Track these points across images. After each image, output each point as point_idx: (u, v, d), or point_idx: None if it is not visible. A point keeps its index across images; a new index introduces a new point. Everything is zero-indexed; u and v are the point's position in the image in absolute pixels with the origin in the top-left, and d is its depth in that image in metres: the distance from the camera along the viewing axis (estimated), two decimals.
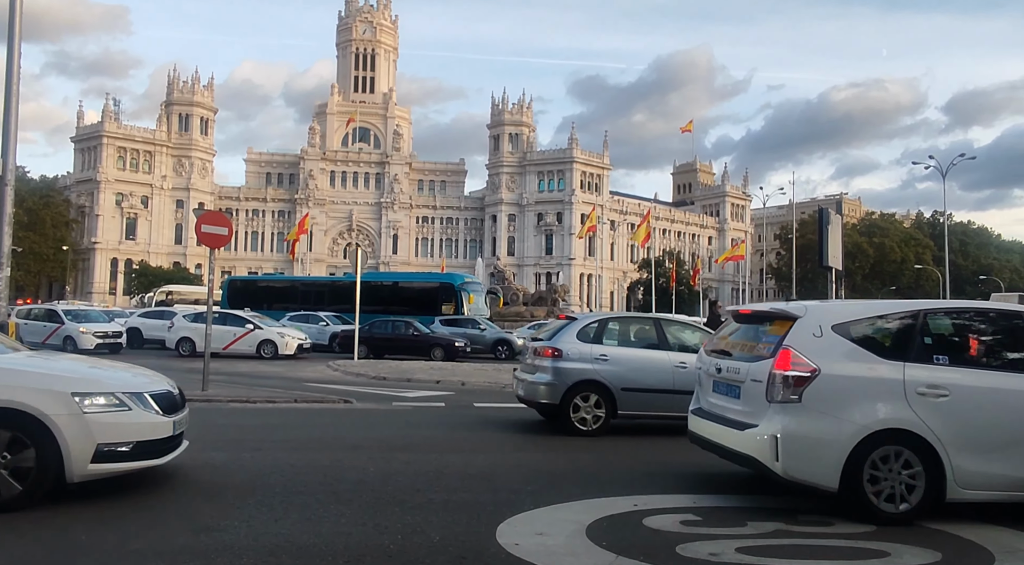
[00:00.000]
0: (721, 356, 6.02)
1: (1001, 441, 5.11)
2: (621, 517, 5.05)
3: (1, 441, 4.81)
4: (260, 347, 22.36)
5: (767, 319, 5.84)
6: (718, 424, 5.70)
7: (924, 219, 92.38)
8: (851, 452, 4.98)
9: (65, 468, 4.90)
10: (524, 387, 9.44)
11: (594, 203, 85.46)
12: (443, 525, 4.78)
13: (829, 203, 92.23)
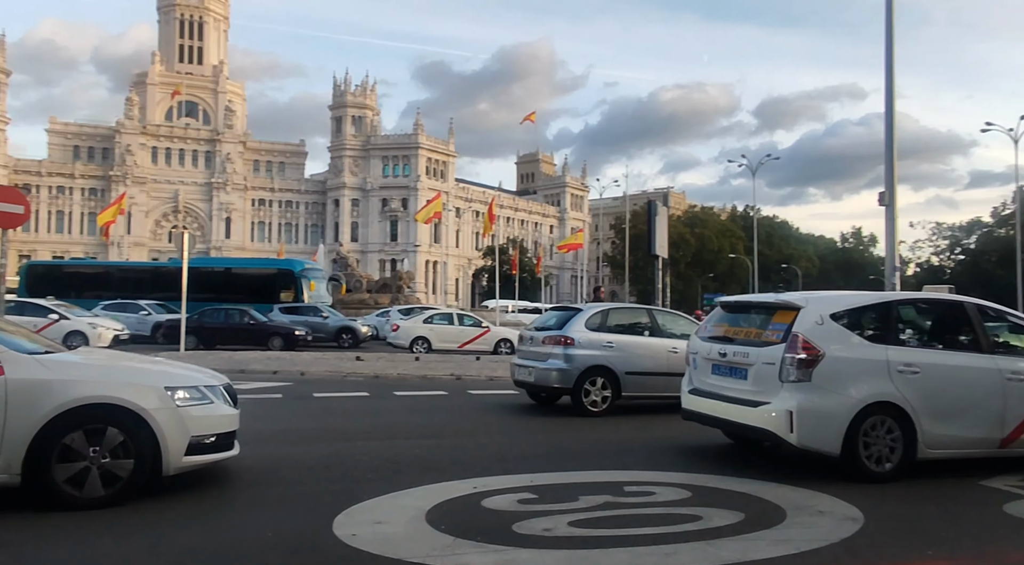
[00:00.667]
0: (723, 342, 6.75)
1: (956, 409, 6.20)
2: (460, 500, 5.12)
3: (102, 438, 4.76)
4: (67, 339, 20.09)
5: (769, 309, 6.64)
6: (723, 402, 6.49)
7: (738, 213, 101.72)
8: (850, 422, 5.85)
9: (163, 461, 4.93)
10: (535, 374, 10.05)
11: (439, 190, 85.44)
12: (277, 521, 4.59)
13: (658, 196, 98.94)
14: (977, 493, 5.69)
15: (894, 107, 15.98)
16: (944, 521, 4.89)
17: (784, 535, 4.42)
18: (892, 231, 17.20)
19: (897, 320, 6.52)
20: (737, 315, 7.10)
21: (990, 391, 6.32)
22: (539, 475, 5.89)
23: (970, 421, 6.24)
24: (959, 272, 77.23)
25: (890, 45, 14.93)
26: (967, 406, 6.26)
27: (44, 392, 4.69)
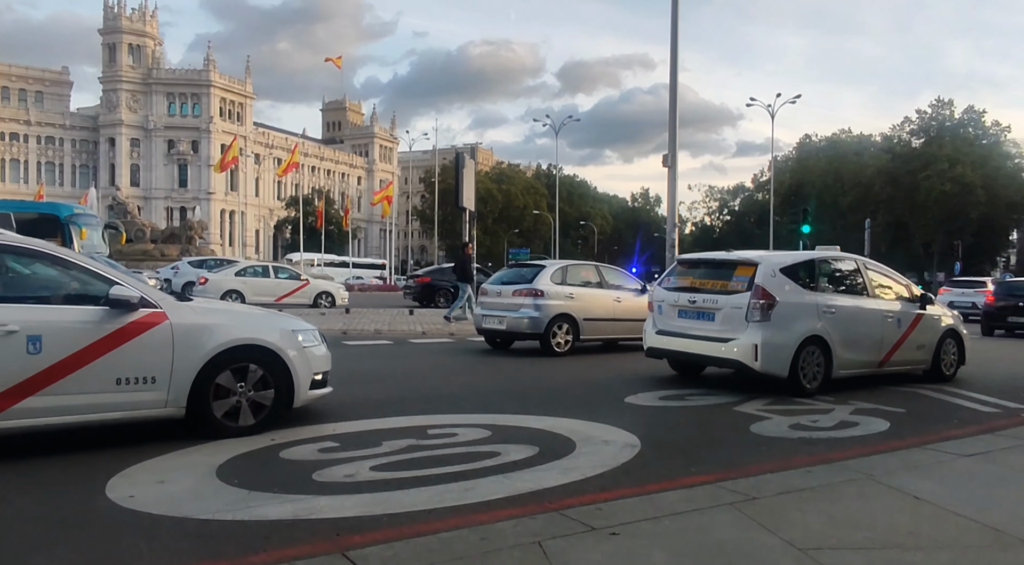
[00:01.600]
0: (690, 292, 8.27)
1: (855, 340, 8.18)
2: (257, 453, 4.90)
3: (246, 374, 5.35)
4: None
5: (731, 265, 8.15)
6: (692, 340, 8.07)
7: (542, 171, 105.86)
8: (795, 351, 7.57)
9: (295, 395, 5.59)
10: (507, 322, 11.61)
11: (236, 133, 78.98)
12: (42, 487, 4.07)
13: (466, 151, 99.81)
14: (732, 417, 6.56)
15: (677, 79, 17.36)
16: (704, 443, 5.59)
17: (573, 464, 4.78)
18: (673, 193, 18.89)
19: (820, 273, 8.44)
20: (701, 270, 8.61)
21: (875, 326, 8.46)
22: (342, 424, 5.80)
23: (863, 348, 8.33)
24: (726, 231, 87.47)
25: (675, 20, 16.10)
26: (862, 337, 8.31)
27: (202, 335, 5.20)
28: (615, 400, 7.29)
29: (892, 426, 6.28)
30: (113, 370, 4.84)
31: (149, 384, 4.98)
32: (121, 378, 4.87)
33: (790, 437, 5.81)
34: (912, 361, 8.97)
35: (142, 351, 4.93)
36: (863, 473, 4.34)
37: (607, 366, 10.55)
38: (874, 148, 69.19)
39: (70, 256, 5.19)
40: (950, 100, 64.36)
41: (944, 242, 58.22)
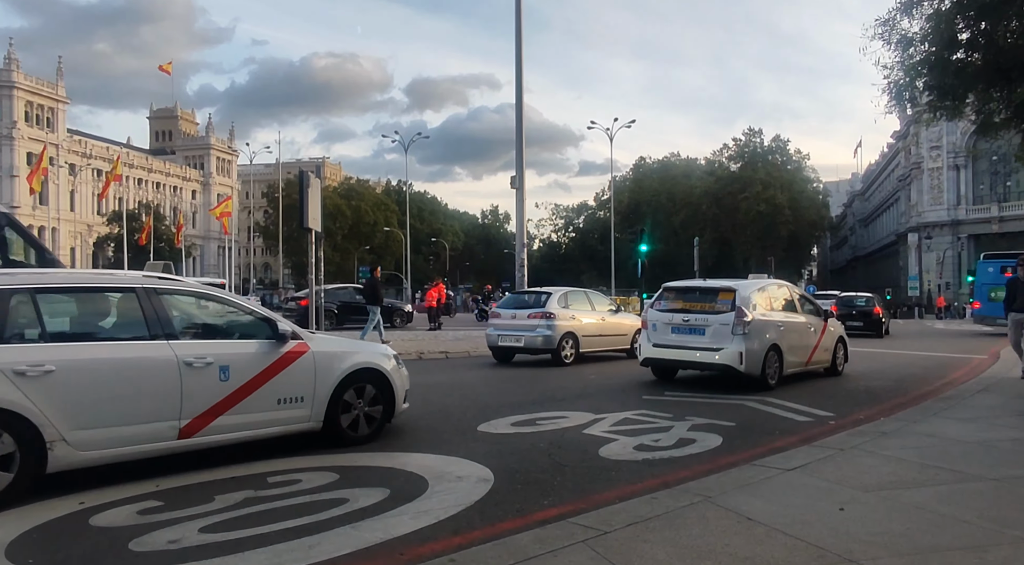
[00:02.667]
0: (683, 312, 10.60)
1: (795, 346, 10.89)
2: (59, 522, 4.27)
3: (363, 392, 6.53)
4: None
5: (715, 291, 10.60)
6: (687, 350, 10.44)
7: (392, 187, 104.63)
8: (764, 356, 10.10)
9: (395, 409, 6.81)
10: (525, 340, 14.04)
11: (46, 141, 70.84)
12: None
13: (312, 166, 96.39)
14: (581, 441, 6.69)
15: (523, 101, 17.84)
16: (555, 471, 5.63)
17: (425, 506, 4.61)
18: (521, 211, 19.31)
19: (772, 297, 11.12)
20: (689, 294, 10.90)
21: (805, 335, 11.27)
22: (167, 478, 5.21)
23: (799, 352, 11.05)
24: (572, 247, 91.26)
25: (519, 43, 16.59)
26: (798, 344, 10.98)
27: (334, 361, 6.33)
28: (468, 429, 7.21)
29: (725, 441, 6.71)
30: (276, 392, 5.89)
31: (299, 403, 6.05)
32: (281, 399, 5.93)
33: (635, 459, 6.01)
34: (822, 361, 11.95)
35: (295, 375, 6.00)
36: (701, 495, 4.55)
37: (468, 390, 10.45)
38: (700, 171, 75.51)
39: (238, 298, 6.62)
40: (760, 129, 71.80)
41: (760, 257, 64.55)
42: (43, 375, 4.66)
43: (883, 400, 9.47)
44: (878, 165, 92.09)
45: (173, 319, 5.54)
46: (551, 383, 11.30)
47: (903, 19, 10.98)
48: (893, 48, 11.06)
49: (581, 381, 11.58)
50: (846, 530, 3.91)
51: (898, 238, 75.85)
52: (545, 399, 9.33)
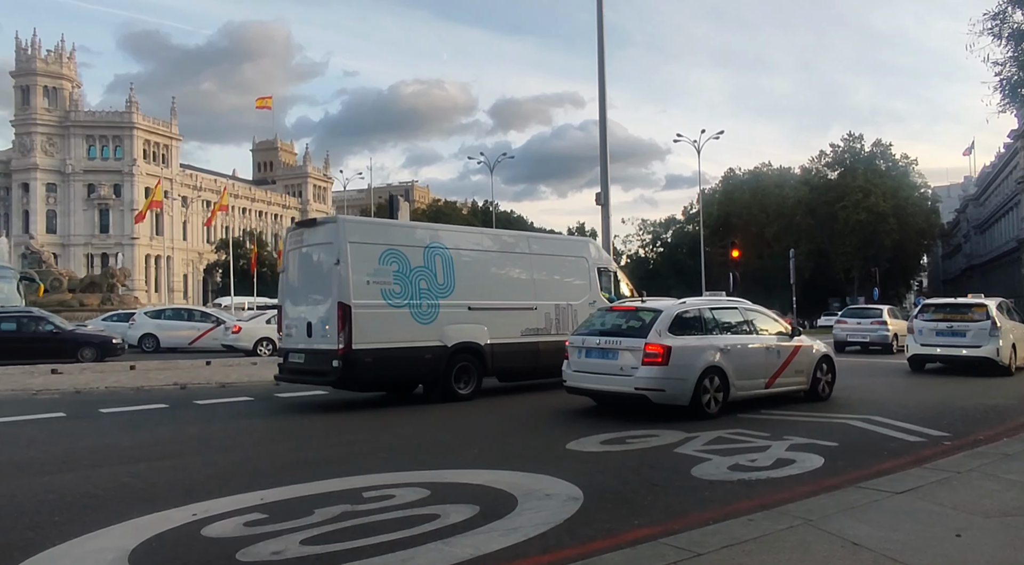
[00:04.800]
0: (946, 321, 15.26)
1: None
2: (175, 532, 4.55)
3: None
4: None
5: (970, 306, 15.37)
6: (951, 348, 14.99)
7: (478, 207, 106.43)
8: (1010, 349, 14.40)
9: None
10: None
11: (161, 176, 76.65)
12: None
13: (401, 190, 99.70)
14: (673, 460, 6.54)
15: (607, 117, 17.81)
16: (646, 490, 5.52)
17: (514, 523, 4.63)
18: (607, 228, 19.19)
19: (1009, 308, 15.95)
20: (948, 308, 15.62)
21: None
22: (271, 491, 5.47)
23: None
24: (660, 262, 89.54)
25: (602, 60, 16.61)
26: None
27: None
28: (556, 447, 7.19)
29: (827, 462, 6.38)
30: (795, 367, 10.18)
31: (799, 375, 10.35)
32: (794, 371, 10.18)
33: (730, 479, 5.81)
34: None
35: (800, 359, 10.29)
36: (802, 518, 4.35)
37: (547, 410, 10.45)
38: (793, 180, 72.61)
39: (762, 310, 10.79)
40: (860, 134, 68.54)
41: (862, 268, 61.24)
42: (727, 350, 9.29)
43: (1008, 419, 8.75)
44: (994, 167, 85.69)
45: None
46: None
47: (1015, 12, 10.30)
48: (1004, 43, 10.40)
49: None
50: (963, 559, 3.64)
51: (1019, 244, 70.17)
52: (634, 417, 9.16)
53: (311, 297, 10.58)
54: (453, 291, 10.93)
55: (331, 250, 10.05)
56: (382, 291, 10.15)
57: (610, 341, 9.20)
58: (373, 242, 10.34)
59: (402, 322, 10.30)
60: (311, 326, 10.34)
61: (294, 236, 11.16)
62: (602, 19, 18.65)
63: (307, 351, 10.44)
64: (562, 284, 12.77)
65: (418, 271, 10.60)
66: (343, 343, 9.68)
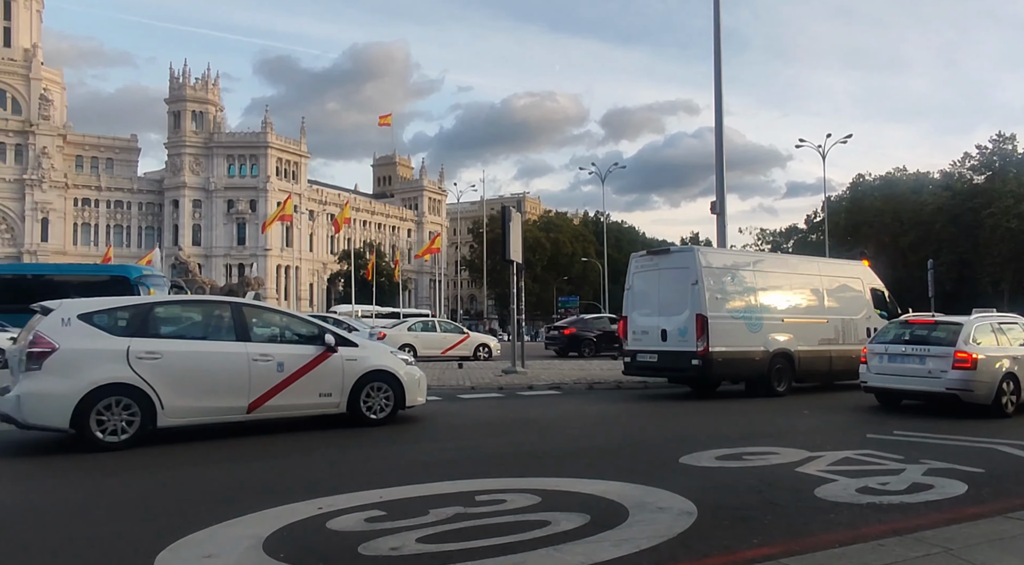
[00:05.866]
0: None
1: None
2: (303, 524, 4.85)
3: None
4: None
5: None
6: None
7: (589, 218, 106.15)
8: None
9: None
10: None
11: (291, 191, 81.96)
12: (90, 564, 4.10)
13: (513, 201, 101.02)
14: (794, 479, 6.22)
15: (723, 124, 17.30)
16: (765, 509, 5.29)
17: (626, 534, 4.57)
18: (723, 237, 18.60)
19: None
20: None
21: None
22: (389, 490, 5.71)
23: None
24: None
25: (718, 66, 16.16)
26: None
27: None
28: (669, 461, 7.03)
29: (970, 489, 5.86)
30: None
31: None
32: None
33: (858, 502, 5.46)
34: None
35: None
36: (941, 546, 4.02)
37: (659, 424, 10.26)
38: (932, 185, 67.21)
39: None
40: (1012, 134, 62.33)
41: (1014, 279, 55.61)
42: None
43: None
44: None
45: None
46: (761, 416, 10.66)
47: None
48: None
49: (793, 415, 10.78)
50: None
51: None
52: (753, 433, 8.82)
53: (667, 310, 12.96)
54: (772, 305, 13.37)
55: (687, 273, 12.63)
56: (727, 305, 12.75)
57: (917, 349, 10.69)
58: (718, 266, 13.03)
59: (740, 330, 12.78)
60: (666, 333, 12.85)
61: (643, 261, 13.86)
62: (719, 23, 18.18)
63: (661, 352, 12.99)
64: (845, 300, 14.94)
65: (749, 289, 13.20)
66: (702, 346, 12.22)
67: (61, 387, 7.11)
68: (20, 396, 7.10)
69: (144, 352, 7.55)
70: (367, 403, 9.04)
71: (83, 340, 7.35)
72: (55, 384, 7.11)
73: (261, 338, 8.57)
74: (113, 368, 7.35)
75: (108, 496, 5.79)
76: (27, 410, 7.09)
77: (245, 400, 8.15)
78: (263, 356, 8.26)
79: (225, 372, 8.03)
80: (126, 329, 7.73)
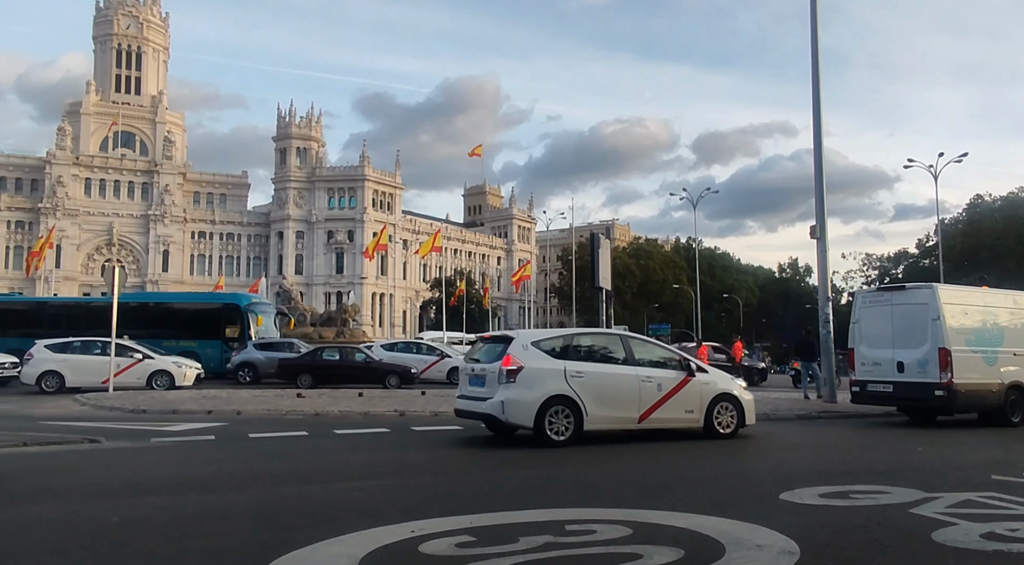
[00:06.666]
0: None
1: None
2: (397, 546, 4.94)
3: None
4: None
5: None
6: None
7: (680, 244, 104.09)
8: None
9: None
10: None
11: (386, 222, 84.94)
12: None
13: (602, 228, 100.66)
14: (907, 521, 5.80)
15: (822, 145, 16.67)
16: (874, 553, 4.95)
17: None
18: (824, 263, 17.79)
19: None
20: None
21: None
22: (479, 516, 5.75)
23: None
24: None
25: (816, 86, 15.64)
26: None
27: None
28: (769, 496, 6.71)
29: None
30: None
31: None
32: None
33: (983, 549, 5.01)
34: None
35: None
36: None
37: (762, 457, 9.83)
38: None
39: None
40: None
41: None
42: None
43: None
44: None
45: None
46: (868, 452, 10.04)
47: None
48: None
49: (906, 452, 10.08)
50: None
51: None
52: (861, 470, 8.30)
53: (903, 343, 13.55)
54: (1003, 341, 13.80)
55: (926, 309, 13.26)
56: (965, 339, 13.27)
57: None
58: (954, 302, 13.57)
59: (978, 364, 13.28)
60: (903, 365, 13.41)
61: (872, 297, 14.81)
62: (816, 41, 17.64)
63: (897, 383, 13.55)
64: None
65: (982, 323, 13.73)
66: (947, 378, 12.76)
67: (528, 396, 9.45)
68: (504, 401, 9.44)
69: (574, 372, 9.74)
70: (718, 419, 10.61)
71: (538, 361, 9.68)
72: (524, 393, 9.47)
73: (643, 363, 10.42)
74: (557, 383, 9.60)
75: (219, 507, 6.10)
76: (508, 412, 9.46)
77: (636, 413, 10.13)
78: (647, 378, 10.24)
79: (623, 390, 10.05)
80: (560, 354, 9.92)
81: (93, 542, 5.06)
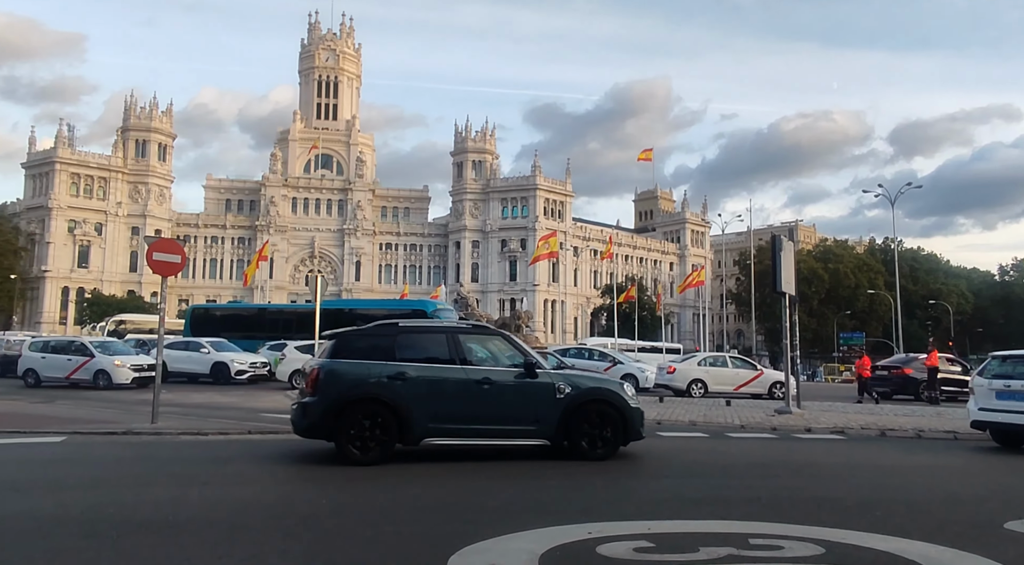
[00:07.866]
0: None
1: None
2: (575, 545, 5.02)
3: None
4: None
5: None
6: None
7: (876, 245, 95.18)
8: None
9: None
10: None
11: (557, 229, 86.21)
12: (393, 559, 4.70)
13: (784, 230, 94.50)
14: None
15: None
16: None
17: None
18: None
19: None
20: None
21: None
22: (657, 522, 5.68)
23: None
24: None
25: None
26: None
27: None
28: (989, 523, 5.95)
29: None
30: None
31: None
32: None
33: None
34: None
35: None
36: None
37: (977, 481, 8.73)
38: None
39: None
40: None
41: None
42: None
43: None
44: None
45: None
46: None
47: None
48: None
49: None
50: None
51: None
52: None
53: None
54: None
55: None
56: None
57: None
58: None
59: None
60: None
61: None
62: None
63: None
64: None
65: None
66: None
67: None
68: None
69: None
70: None
71: None
72: None
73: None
74: None
75: (411, 498, 6.58)
76: None
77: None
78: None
79: None
80: None
81: (306, 523, 5.68)
